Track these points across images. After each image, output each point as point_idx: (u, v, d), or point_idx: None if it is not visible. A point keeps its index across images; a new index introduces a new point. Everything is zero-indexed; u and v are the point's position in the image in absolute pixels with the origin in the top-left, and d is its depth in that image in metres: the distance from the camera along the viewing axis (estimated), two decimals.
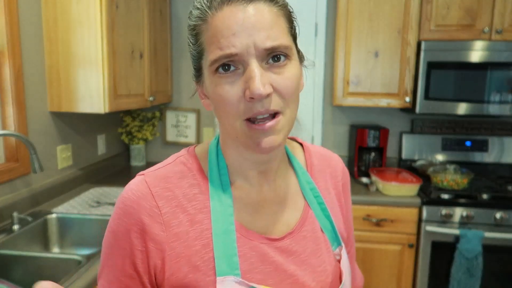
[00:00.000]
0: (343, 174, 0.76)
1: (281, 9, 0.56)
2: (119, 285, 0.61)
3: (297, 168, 0.70)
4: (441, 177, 2.31)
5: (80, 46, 1.91)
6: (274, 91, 0.55)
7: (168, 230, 0.60)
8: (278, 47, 0.54)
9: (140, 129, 2.84)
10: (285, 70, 0.56)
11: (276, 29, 0.54)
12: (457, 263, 2.13)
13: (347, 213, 0.76)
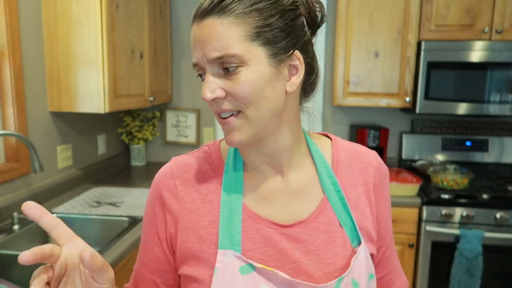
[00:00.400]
0: (376, 172, 0.74)
1: (238, 18, 0.59)
2: (146, 247, 0.73)
3: (318, 162, 0.72)
4: (441, 177, 2.31)
5: (80, 46, 1.91)
6: (228, 94, 0.61)
7: (182, 205, 0.70)
8: (223, 57, 0.59)
9: (140, 129, 2.84)
10: (237, 77, 0.60)
11: (223, 40, 0.59)
12: (457, 263, 2.13)
13: (381, 212, 0.74)
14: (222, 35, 0.59)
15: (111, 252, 1.46)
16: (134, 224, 1.72)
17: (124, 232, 1.63)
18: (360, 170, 0.74)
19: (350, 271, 0.66)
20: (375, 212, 0.73)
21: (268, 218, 0.68)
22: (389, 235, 0.77)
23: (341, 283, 0.65)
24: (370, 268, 0.70)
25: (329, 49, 2.80)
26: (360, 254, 0.68)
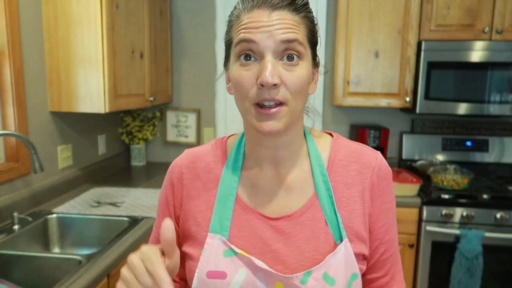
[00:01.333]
0: (374, 173, 0.75)
1: (303, 19, 0.67)
2: (158, 225, 0.82)
3: (313, 160, 0.75)
4: (442, 177, 2.31)
5: (81, 46, 1.91)
6: (282, 84, 0.64)
7: (186, 190, 0.79)
8: (293, 41, 0.64)
9: (140, 129, 2.84)
10: (295, 69, 0.65)
11: (294, 30, 0.64)
12: (457, 263, 2.13)
13: (377, 213, 0.75)
14: (295, 27, 0.65)
15: (111, 252, 1.46)
16: (134, 224, 1.72)
17: (124, 232, 1.63)
18: (356, 170, 0.75)
19: (322, 266, 0.68)
20: (368, 212, 0.74)
21: (258, 210, 0.74)
22: (388, 237, 0.77)
23: (309, 276, 0.67)
24: (353, 268, 0.71)
25: (329, 49, 2.80)
26: (339, 252, 0.70)
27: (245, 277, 0.69)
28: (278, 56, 0.65)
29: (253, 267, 0.69)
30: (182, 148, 3.02)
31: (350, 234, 0.72)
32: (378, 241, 0.76)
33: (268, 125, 0.65)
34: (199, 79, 2.93)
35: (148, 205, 1.96)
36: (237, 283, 0.69)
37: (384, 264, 0.78)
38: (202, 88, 2.94)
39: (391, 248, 0.78)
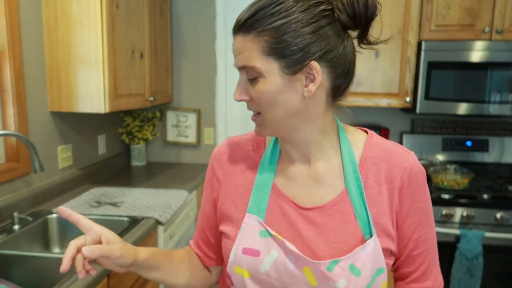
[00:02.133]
0: (405, 173, 0.78)
1: (256, 36, 0.69)
2: (203, 205, 0.92)
3: (345, 156, 0.78)
4: (442, 177, 2.31)
5: (81, 46, 1.91)
6: (251, 98, 0.73)
7: (225, 175, 0.85)
8: (245, 67, 0.71)
9: (140, 129, 2.84)
10: (256, 85, 0.71)
11: (246, 54, 0.70)
12: (458, 263, 2.13)
13: (405, 212, 0.78)
14: (246, 50, 0.70)
15: None
16: (134, 224, 1.72)
17: (124, 232, 1.63)
18: (387, 169, 0.77)
19: (350, 257, 0.72)
20: (396, 210, 0.77)
21: (291, 198, 0.79)
22: (417, 235, 0.79)
23: (336, 265, 0.71)
24: (380, 262, 0.74)
25: None
26: (368, 246, 0.73)
27: (277, 258, 0.74)
28: (246, 75, 0.73)
29: (285, 250, 0.73)
30: (182, 148, 3.03)
31: (379, 230, 0.75)
32: (407, 239, 0.79)
33: (256, 129, 0.78)
34: (199, 79, 2.93)
35: (148, 205, 1.96)
36: (269, 262, 0.74)
37: (414, 260, 0.81)
38: (202, 88, 2.94)
39: (422, 246, 0.80)
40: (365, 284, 0.72)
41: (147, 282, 1.78)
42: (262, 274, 0.75)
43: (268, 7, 0.68)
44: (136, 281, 1.66)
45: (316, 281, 0.72)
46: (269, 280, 0.75)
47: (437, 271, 0.84)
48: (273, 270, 0.74)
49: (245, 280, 0.77)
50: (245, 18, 0.70)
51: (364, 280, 0.72)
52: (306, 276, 0.73)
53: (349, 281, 0.71)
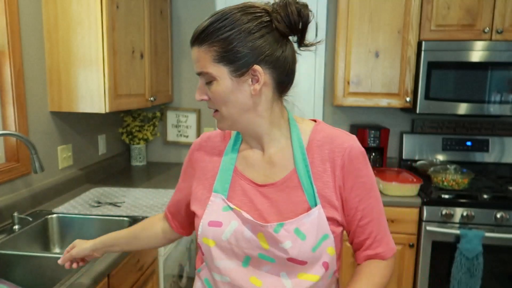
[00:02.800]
0: (345, 153, 0.90)
1: (209, 46, 0.83)
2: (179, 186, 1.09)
3: (295, 142, 0.92)
4: (442, 177, 2.31)
5: (81, 46, 1.91)
6: (209, 98, 0.88)
7: (197, 163, 1.01)
8: (201, 73, 0.86)
9: (140, 129, 2.84)
10: (211, 87, 0.86)
11: (200, 62, 0.85)
12: (458, 263, 2.13)
13: (349, 186, 0.90)
14: (201, 59, 0.85)
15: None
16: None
17: None
18: (330, 149, 0.91)
19: (294, 222, 0.86)
20: (339, 185, 0.90)
21: (250, 178, 0.94)
22: (363, 206, 0.91)
23: (282, 227, 0.86)
24: (325, 229, 0.87)
25: (330, 49, 2.80)
26: (313, 214, 0.86)
27: (236, 227, 0.89)
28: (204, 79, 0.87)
29: (243, 220, 0.89)
30: (182, 148, 3.03)
31: (323, 201, 0.89)
32: (355, 210, 0.91)
33: (217, 125, 0.93)
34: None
35: (148, 205, 1.96)
36: (230, 231, 0.89)
37: (364, 229, 0.93)
38: None
39: (369, 216, 0.92)
40: (310, 247, 0.85)
41: (147, 282, 1.78)
42: (224, 241, 0.89)
43: (216, 22, 0.82)
44: (137, 281, 1.66)
45: (267, 244, 0.87)
46: (230, 247, 0.89)
47: (388, 238, 0.95)
48: (233, 237, 0.88)
49: (211, 249, 0.91)
50: (198, 33, 0.84)
51: (309, 243, 0.85)
52: (260, 241, 0.87)
53: (294, 243, 0.85)
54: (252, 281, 0.89)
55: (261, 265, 0.89)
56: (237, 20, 0.82)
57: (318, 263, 0.88)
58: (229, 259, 0.90)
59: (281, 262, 0.87)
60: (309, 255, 0.86)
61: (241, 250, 0.89)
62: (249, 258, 0.89)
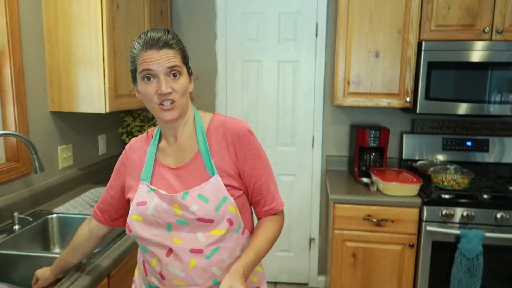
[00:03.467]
0: (234, 134, 1.15)
1: (177, 51, 1.10)
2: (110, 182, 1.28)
3: (198, 130, 1.17)
4: (442, 177, 2.31)
5: (81, 46, 1.91)
6: (173, 90, 1.08)
7: (128, 160, 1.23)
8: (174, 66, 1.08)
9: (140, 129, 2.84)
10: (178, 81, 1.09)
11: (173, 59, 1.08)
12: (458, 263, 2.13)
13: (242, 158, 1.15)
14: (174, 57, 1.08)
15: (111, 252, 1.47)
16: None
17: (124, 233, 1.63)
18: (223, 131, 1.16)
19: (197, 189, 1.09)
20: (233, 158, 1.14)
21: (166, 164, 1.17)
22: (256, 172, 1.16)
23: (187, 195, 1.09)
24: (222, 193, 1.10)
25: (330, 49, 2.80)
26: (211, 182, 1.10)
27: (157, 203, 1.11)
28: (167, 75, 1.07)
29: (161, 196, 1.11)
30: None
31: (222, 172, 1.12)
32: (249, 175, 1.16)
33: (169, 115, 1.09)
34: (200, 79, 2.93)
35: None
36: (152, 207, 1.11)
37: (259, 190, 1.17)
38: (203, 88, 2.94)
39: (261, 179, 1.17)
40: (213, 208, 1.08)
41: None
42: (149, 215, 1.11)
43: (175, 36, 1.12)
44: None
45: (180, 210, 1.09)
46: (154, 219, 1.11)
47: (277, 195, 1.21)
48: (155, 211, 1.10)
49: (140, 223, 1.12)
50: (169, 39, 1.08)
51: (211, 205, 1.08)
52: (175, 209, 1.09)
53: (199, 205, 1.08)
54: (174, 241, 1.10)
55: (181, 229, 1.10)
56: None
57: (223, 220, 1.10)
58: (156, 228, 1.11)
59: (194, 224, 1.09)
60: (213, 214, 1.08)
61: (163, 220, 1.10)
62: (170, 225, 1.10)
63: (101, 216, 1.28)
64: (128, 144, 1.28)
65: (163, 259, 1.11)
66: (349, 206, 2.27)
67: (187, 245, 1.09)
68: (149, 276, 1.18)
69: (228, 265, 1.12)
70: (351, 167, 2.75)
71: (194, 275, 1.10)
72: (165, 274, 1.12)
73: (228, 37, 2.85)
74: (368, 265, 2.31)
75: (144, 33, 1.09)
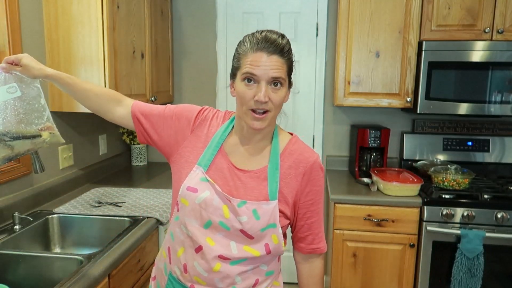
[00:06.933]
0: (308, 166, 1.14)
1: (286, 60, 1.06)
2: (164, 110, 1.23)
3: (274, 147, 1.15)
4: (442, 177, 2.31)
5: (81, 46, 1.91)
6: (269, 100, 1.04)
7: (197, 128, 1.18)
8: (278, 78, 1.04)
9: None
10: (278, 91, 1.06)
11: (280, 70, 1.04)
12: (458, 263, 2.13)
13: (306, 191, 1.14)
14: (280, 67, 1.04)
15: (112, 252, 1.47)
16: (135, 224, 1.73)
17: (125, 232, 1.63)
18: (297, 159, 1.14)
19: (254, 204, 1.07)
20: (298, 188, 1.13)
21: (230, 159, 1.14)
22: (313, 208, 1.16)
23: (244, 205, 1.07)
24: (274, 219, 1.08)
25: (330, 50, 2.80)
26: (270, 205, 1.08)
27: (208, 195, 1.08)
28: (269, 83, 1.04)
29: (214, 190, 1.09)
30: None
31: (281, 197, 1.11)
32: (306, 209, 1.15)
33: (257, 124, 1.07)
34: (200, 79, 2.93)
35: (149, 205, 1.96)
36: (202, 197, 1.08)
37: (311, 226, 1.17)
38: (203, 88, 2.94)
39: (316, 216, 1.17)
40: (260, 227, 1.07)
41: (148, 283, 1.78)
42: (196, 204, 1.09)
43: (288, 44, 1.07)
44: (137, 282, 1.66)
45: (229, 214, 1.07)
46: (199, 210, 1.08)
47: (324, 237, 1.21)
48: (203, 203, 1.08)
49: (186, 207, 1.10)
50: (282, 46, 1.04)
51: (260, 224, 1.07)
52: (223, 211, 1.07)
53: (249, 219, 1.06)
54: (207, 241, 1.09)
55: (218, 231, 1.08)
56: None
57: (262, 242, 1.09)
58: (195, 219, 1.09)
59: (234, 232, 1.08)
60: (257, 233, 1.07)
61: (207, 215, 1.08)
62: (210, 223, 1.08)
63: (139, 113, 1.27)
64: (211, 109, 1.22)
65: (191, 254, 1.11)
66: (349, 206, 2.26)
67: (218, 250, 1.08)
68: (172, 265, 1.17)
69: (249, 275, 1.12)
70: (351, 167, 2.75)
71: (216, 278, 1.09)
72: (189, 268, 1.12)
73: (229, 37, 2.85)
74: (369, 265, 2.31)
75: (259, 32, 1.05)
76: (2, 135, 1.18)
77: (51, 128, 1.33)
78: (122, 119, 1.31)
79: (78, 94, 1.29)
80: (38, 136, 1.29)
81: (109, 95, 1.30)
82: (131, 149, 2.92)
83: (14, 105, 1.21)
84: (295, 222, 1.17)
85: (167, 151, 1.21)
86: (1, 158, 1.21)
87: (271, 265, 1.16)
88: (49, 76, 1.27)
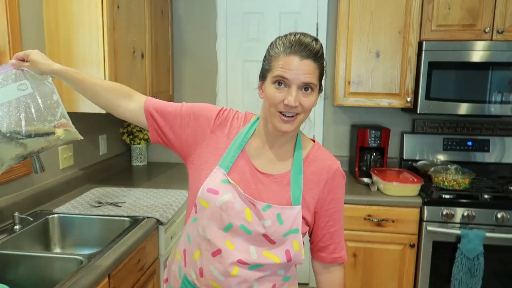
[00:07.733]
0: (330, 173, 1.12)
1: (319, 66, 1.03)
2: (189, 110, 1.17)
3: (297, 152, 1.13)
4: (442, 177, 2.31)
5: (81, 46, 1.91)
6: (300, 105, 1.01)
7: (217, 129, 1.14)
8: (309, 83, 1.01)
9: (141, 129, 2.84)
10: (309, 96, 1.03)
11: (312, 75, 1.01)
12: (459, 263, 2.13)
13: (329, 199, 1.12)
14: (312, 73, 1.01)
15: (112, 252, 1.47)
16: (136, 224, 1.72)
17: (125, 232, 1.63)
18: (320, 166, 1.13)
19: (279, 208, 1.05)
20: (320, 195, 1.11)
21: (252, 162, 1.11)
22: (335, 216, 1.13)
23: (268, 209, 1.05)
24: (298, 224, 1.06)
25: (331, 50, 2.80)
26: (294, 209, 1.06)
27: (229, 198, 1.05)
28: (299, 87, 1.01)
29: (237, 193, 1.06)
30: None
31: (304, 203, 1.09)
32: (328, 217, 1.13)
33: (285, 127, 1.04)
34: (200, 79, 2.93)
35: (149, 205, 1.96)
36: (223, 200, 1.05)
37: (332, 235, 1.14)
38: (203, 88, 2.94)
39: (337, 224, 1.15)
40: (283, 232, 1.05)
41: (148, 282, 1.78)
42: (217, 206, 1.05)
43: (322, 48, 1.03)
44: (137, 281, 1.66)
45: (251, 218, 1.05)
46: (220, 212, 1.05)
47: (345, 247, 1.18)
48: (224, 205, 1.05)
49: (205, 210, 1.07)
50: (316, 50, 1.00)
51: (283, 229, 1.05)
52: (246, 214, 1.05)
53: (273, 223, 1.04)
54: (227, 244, 1.06)
55: (238, 234, 1.05)
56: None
57: (283, 247, 1.06)
58: (214, 221, 1.06)
59: (255, 236, 1.05)
60: (279, 238, 1.05)
61: (228, 217, 1.05)
62: (231, 226, 1.05)
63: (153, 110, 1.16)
64: (232, 110, 1.20)
65: (207, 257, 1.08)
66: (349, 206, 2.26)
67: (238, 254, 1.05)
68: (187, 268, 1.14)
69: (267, 280, 1.09)
70: (351, 167, 2.75)
71: (232, 282, 1.06)
72: (205, 272, 1.08)
73: (229, 37, 2.85)
74: (369, 265, 2.31)
75: (292, 34, 1.02)
76: (14, 133, 1.16)
77: (66, 125, 1.27)
78: (132, 114, 1.19)
79: (87, 89, 1.20)
80: (52, 134, 1.24)
81: (119, 90, 1.21)
82: (131, 149, 2.92)
83: (26, 102, 1.19)
84: (315, 231, 1.15)
85: (184, 151, 1.16)
86: (14, 156, 1.19)
87: (289, 270, 1.14)
88: (56, 71, 1.20)
